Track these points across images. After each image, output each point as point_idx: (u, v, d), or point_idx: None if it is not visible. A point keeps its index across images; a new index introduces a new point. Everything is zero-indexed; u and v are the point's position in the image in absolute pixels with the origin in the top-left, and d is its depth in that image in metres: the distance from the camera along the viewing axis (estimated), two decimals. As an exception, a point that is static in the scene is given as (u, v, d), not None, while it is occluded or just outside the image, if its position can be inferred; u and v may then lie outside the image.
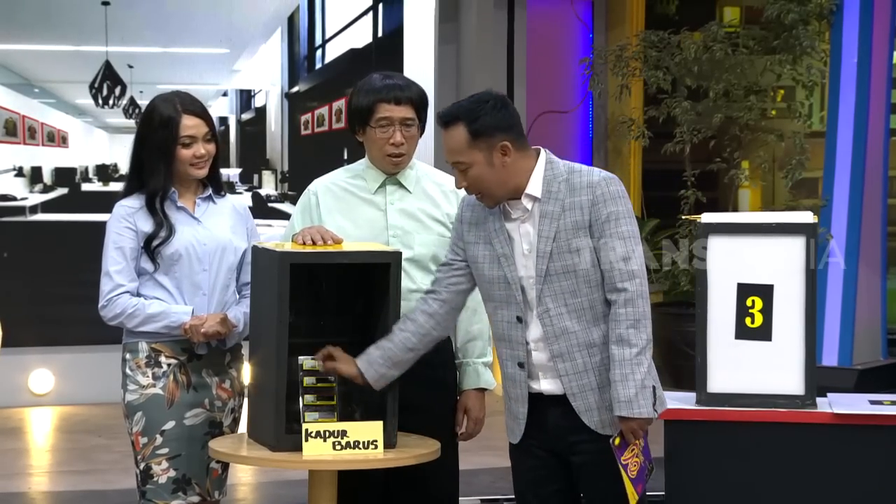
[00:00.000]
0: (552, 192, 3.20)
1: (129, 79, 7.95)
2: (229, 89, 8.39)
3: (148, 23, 7.87)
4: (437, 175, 3.73)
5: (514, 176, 3.21)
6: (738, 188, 8.28)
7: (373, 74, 3.67)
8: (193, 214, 3.62)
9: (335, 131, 8.25)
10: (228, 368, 3.65)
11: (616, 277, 3.15)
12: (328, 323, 3.50)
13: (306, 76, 8.42)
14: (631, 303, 3.14)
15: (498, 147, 3.18)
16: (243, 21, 8.19)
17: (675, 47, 7.68)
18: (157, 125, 3.55)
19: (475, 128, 3.17)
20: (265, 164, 8.36)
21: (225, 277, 3.63)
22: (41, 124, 8.04)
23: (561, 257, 3.18)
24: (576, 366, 3.21)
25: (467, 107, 3.21)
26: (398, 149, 3.59)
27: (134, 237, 3.56)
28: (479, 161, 3.18)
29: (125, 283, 3.55)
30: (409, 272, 3.57)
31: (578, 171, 3.22)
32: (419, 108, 3.60)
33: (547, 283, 3.19)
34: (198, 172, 3.60)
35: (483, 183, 3.20)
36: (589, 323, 3.20)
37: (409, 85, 3.61)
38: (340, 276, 3.49)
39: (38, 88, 8.07)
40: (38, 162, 7.98)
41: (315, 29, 8.36)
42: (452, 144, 3.20)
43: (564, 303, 3.19)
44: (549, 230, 3.18)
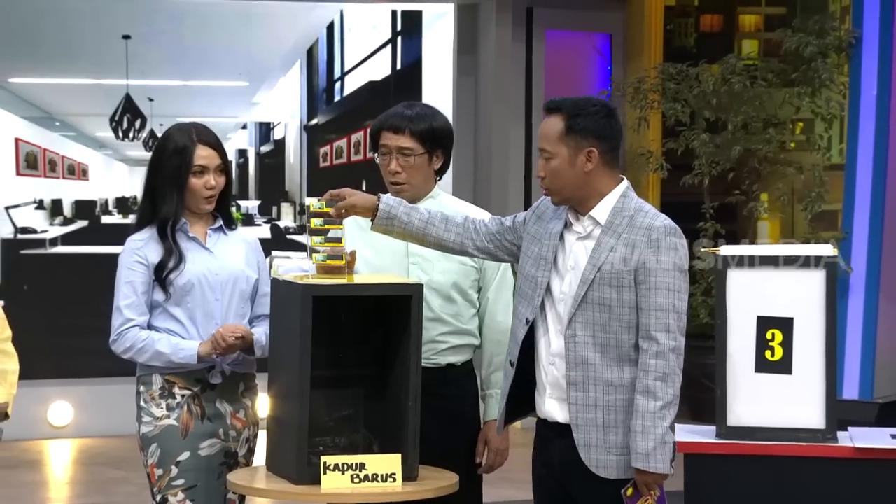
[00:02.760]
0: (615, 223, 3.20)
1: (150, 112, 7.99)
2: (249, 122, 8.44)
3: (168, 56, 7.92)
4: (462, 206, 3.76)
5: (589, 186, 3.21)
6: (757, 220, 8.27)
7: (401, 103, 3.73)
8: (205, 245, 3.65)
9: (354, 163, 8.28)
10: (242, 398, 3.67)
11: (651, 326, 3.14)
12: (347, 355, 3.51)
13: (325, 108, 8.46)
14: (662, 356, 3.13)
15: (585, 150, 3.19)
16: (262, 54, 8.25)
17: (693, 80, 7.70)
18: (172, 153, 3.59)
19: (571, 123, 3.19)
20: (284, 197, 8.40)
21: (238, 307, 3.65)
22: (62, 157, 8.09)
23: (601, 289, 3.18)
24: (587, 398, 3.20)
25: (574, 101, 3.24)
26: (394, 177, 3.63)
27: (145, 271, 3.58)
28: (563, 156, 3.20)
29: (135, 317, 3.57)
30: (429, 300, 3.58)
31: (645, 212, 3.22)
32: (426, 140, 3.62)
33: (581, 309, 3.19)
34: (206, 206, 3.62)
35: (558, 178, 3.21)
36: (611, 361, 3.19)
37: (421, 116, 3.63)
38: (360, 307, 3.51)
39: (59, 122, 8.13)
40: (59, 195, 8.02)
41: (334, 61, 8.41)
42: (546, 131, 3.23)
43: (593, 333, 3.19)
44: (597, 258, 3.18)
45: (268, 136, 8.49)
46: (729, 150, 7.64)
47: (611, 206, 3.21)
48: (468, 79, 8.28)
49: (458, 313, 3.67)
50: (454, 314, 3.66)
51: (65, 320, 7.73)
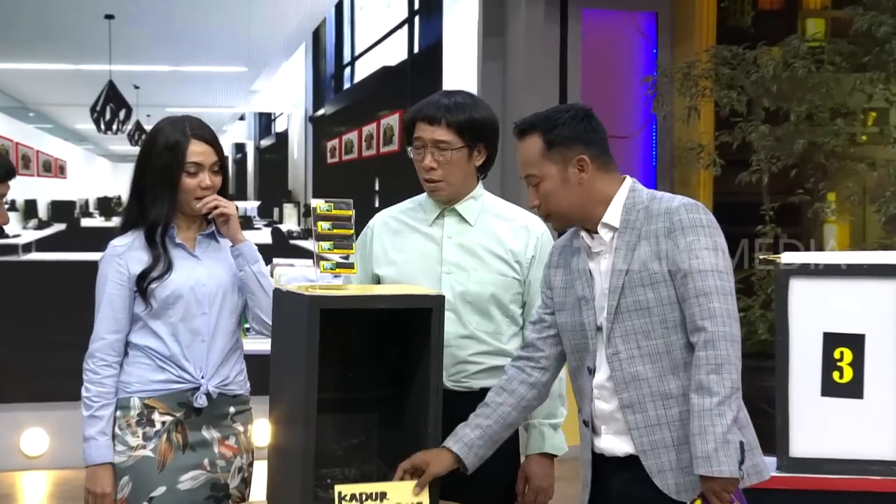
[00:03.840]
0: (630, 220, 3.21)
1: (135, 101, 8.02)
2: (247, 112, 8.46)
3: (156, 38, 7.95)
4: (508, 209, 3.78)
5: (590, 197, 3.23)
6: (824, 224, 8.25)
7: (439, 91, 3.76)
8: (193, 252, 3.68)
9: (365, 159, 8.29)
10: (233, 423, 3.69)
11: (696, 315, 3.12)
12: (358, 375, 3.52)
13: (333, 97, 8.48)
14: (711, 345, 3.09)
15: (574, 161, 3.21)
16: (263, 36, 8.26)
17: (750, 64, 7.69)
18: (162, 149, 3.62)
19: (550, 137, 3.22)
20: (287, 197, 8.41)
21: (227, 322, 3.68)
22: (36, 152, 8.12)
23: (633, 292, 3.18)
24: (648, 418, 3.19)
25: (545, 115, 3.26)
26: (429, 174, 3.64)
27: (125, 282, 3.61)
28: (552, 175, 3.22)
29: (107, 335, 3.62)
30: (462, 315, 3.60)
31: (659, 198, 3.24)
32: (464, 132, 3.63)
33: (618, 321, 3.19)
34: (200, 208, 3.64)
35: (554, 200, 3.23)
36: (665, 370, 3.18)
37: (460, 105, 3.65)
38: (373, 322, 3.52)
39: (34, 112, 8.16)
40: (33, 194, 8.05)
41: (343, 45, 8.43)
42: (525, 155, 3.25)
43: (637, 345, 3.18)
44: (622, 262, 3.19)
45: (269, 128, 8.52)
46: (791, 143, 7.63)
47: (621, 206, 3.23)
48: (495, 64, 8.29)
49: (496, 331, 3.68)
50: (492, 332, 3.68)
51: (40, 336, 7.77)
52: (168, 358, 3.61)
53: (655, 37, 8.65)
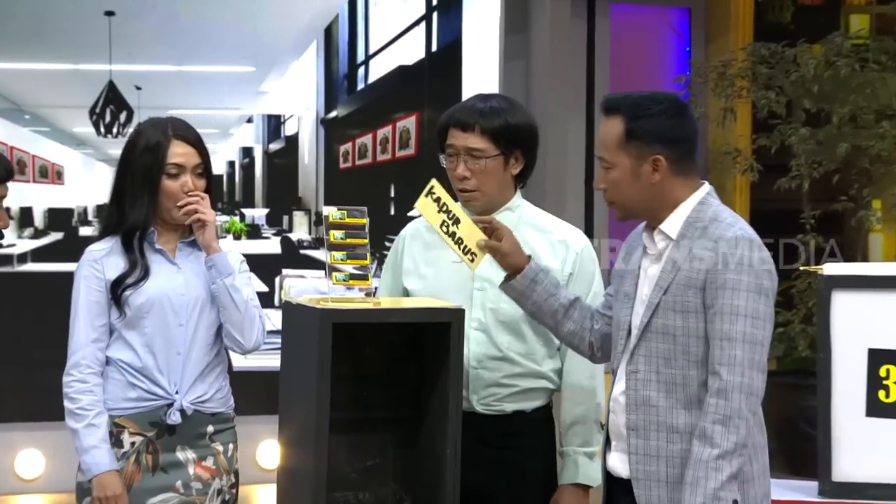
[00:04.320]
0: (686, 236, 3.22)
1: (137, 103, 8.03)
2: (255, 115, 8.47)
3: (159, 36, 7.95)
4: (547, 221, 3.78)
5: (658, 199, 3.23)
6: (869, 233, 8.22)
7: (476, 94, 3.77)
8: (173, 260, 3.70)
9: (380, 164, 8.29)
10: (211, 443, 3.72)
11: (715, 359, 3.12)
12: (373, 393, 3.53)
13: (346, 99, 8.48)
14: (724, 394, 3.09)
15: (650, 159, 3.21)
16: (272, 34, 8.27)
17: (790, 63, 7.68)
18: (142, 150, 3.67)
19: (632, 127, 3.22)
20: (297, 204, 8.42)
21: (205, 335, 3.71)
22: (32, 157, 8.13)
23: (665, 314, 3.19)
24: (648, 446, 3.20)
25: (634, 100, 3.25)
26: (462, 183, 3.65)
27: (102, 289, 3.65)
28: (624, 166, 3.23)
29: (87, 344, 3.67)
30: (494, 334, 3.61)
31: (719, 221, 3.21)
32: (499, 138, 3.64)
33: (644, 339, 3.20)
34: (181, 215, 3.67)
35: (620, 192, 3.25)
36: (677, 402, 3.19)
37: (495, 110, 3.66)
38: (388, 337, 3.52)
39: (29, 114, 8.16)
40: (28, 201, 8.06)
41: (357, 43, 8.43)
42: (603, 136, 3.27)
43: (656, 369, 3.20)
44: (665, 279, 3.20)
45: (278, 131, 8.53)
46: (834, 147, 7.61)
47: (684, 217, 3.22)
48: (518, 63, 8.29)
49: (529, 352, 3.69)
50: (525, 353, 3.69)
51: (36, 352, 7.77)
52: (140, 371, 3.65)
53: (689, 34, 8.64)
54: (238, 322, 3.70)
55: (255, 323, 3.75)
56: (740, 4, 8.51)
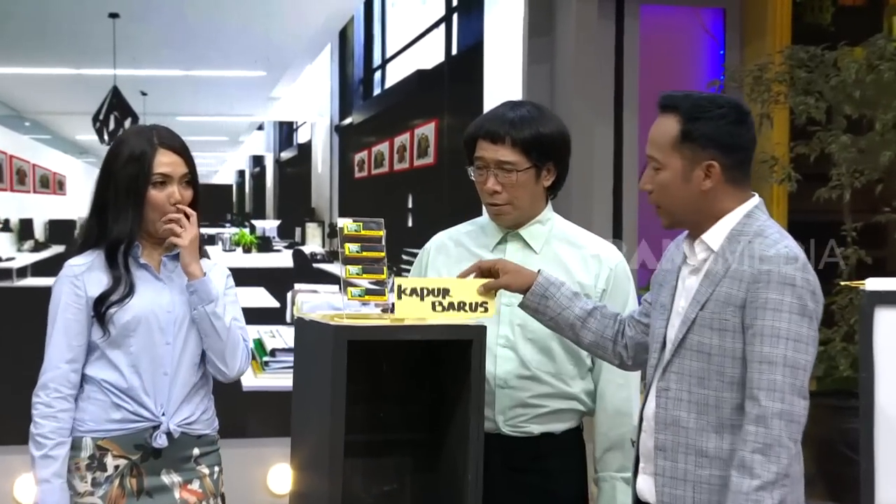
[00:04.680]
0: (728, 249, 3.21)
1: (142, 109, 8.05)
2: (266, 121, 8.48)
3: (166, 39, 7.97)
4: (579, 235, 3.79)
5: (706, 208, 3.23)
6: (914, 246, 8.20)
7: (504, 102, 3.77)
8: (158, 275, 3.72)
9: (398, 173, 8.30)
10: (196, 466, 3.74)
11: (753, 383, 3.11)
12: (390, 414, 3.54)
13: (362, 105, 8.49)
14: (763, 421, 3.08)
15: (703, 164, 3.20)
16: (284, 37, 8.28)
17: (830, 67, 7.67)
18: (127, 159, 3.69)
19: (688, 128, 3.21)
20: (310, 215, 8.43)
21: (193, 354, 3.73)
22: (32, 166, 8.15)
23: (701, 331, 3.18)
24: (675, 469, 3.20)
25: (694, 100, 3.25)
26: (493, 197, 3.66)
27: (83, 306, 3.66)
28: (675, 168, 3.23)
29: (61, 364, 3.69)
30: (523, 353, 3.62)
31: (764, 237, 3.21)
32: (531, 150, 3.64)
33: (678, 356, 3.20)
34: (166, 225, 3.68)
35: (667, 195, 3.24)
36: (708, 426, 3.18)
37: (525, 120, 3.66)
38: (406, 356, 3.53)
39: (30, 121, 8.18)
40: (29, 213, 8.08)
41: (373, 46, 8.45)
42: (656, 134, 3.27)
43: (688, 388, 3.19)
44: (703, 294, 3.20)
45: (290, 139, 8.54)
46: (876, 155, 7.59)
47: (728, 229, 3.22)
48: (542, 66, 8.29)
49: (559, 371, 3.70)
50: (554, 373, 3.69)
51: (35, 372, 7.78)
52: (125, 392, 3.66)
53: (723, 36, 8.63)
54: (220, 350, 3.71)
55: (238, 350, 3.77)
56: (777, 5, 8.51)
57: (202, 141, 8.37)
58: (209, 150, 8.42)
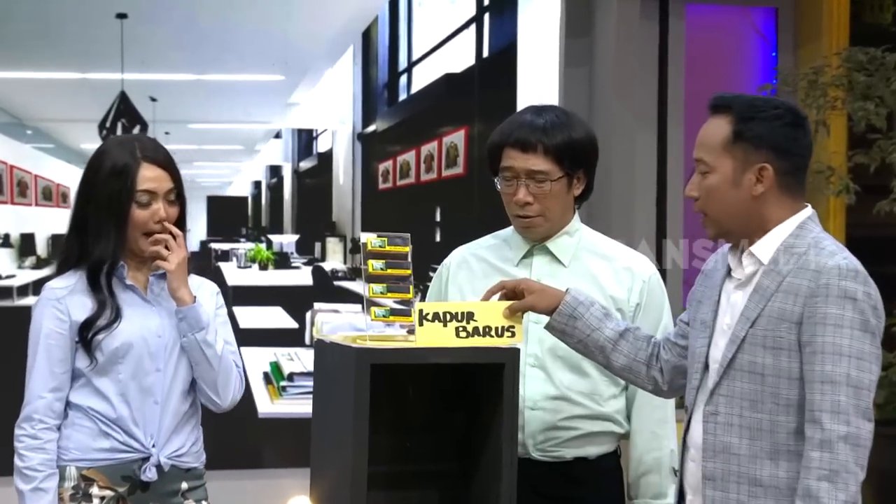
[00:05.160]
0: (780, 263, 3.21)
1: (152, 116, 8.07)
2: (284, 129, 8.51)
3: (177, 41, 7.99)
4: (609, 246, 3.79)
5: (756, 216, 3.23)
6: (983, 263, 8.16)
7: (526, 107, 3.78)
8: (145, 297, 3.73)
9: (425, 184, 8.31)
10: (184, 500, 3.77)
11: (815, 405, 3.10)
12: (417, 443, 3.54)
13: (386, 111, 8.50)
14: (828, 446, 3.07)
15: (755, 167, 3.21)
16: (303, 38, 8.30)
17: (891, 70, 7.65)
18: (108, 174, 3.69)
19: (741, 128, 3.22)
20: (331, 230, 8.44)
21: (184, 381, 3.75)
22: (34, 177, 8.18)
23: (752, 350, 3.18)
24: (726, 500, 3.20)
25: (748, 100, 3.28)
26: (523, 209, 3.66)
27: (65, 329, 3.68)
28: (724, 171, 3.23)
29: (45, 394, 3.70)
30: (552, 372, 3.62)
31: (820, 249, 3.20)
32: (564, 157, 3.65)
33: (727, 377, 3.20)
34: (152, 247, 3.69)
35: (714, 201, 3.24)
36: (761, 452, 3.18)
37: (556, 126, 3.67)
38: (434, 381, 3.53)
39: (31, 129, 8.22)
40: (30, 227, 8.11)
41: (398, 48, 8.46)
42: (706, 136, 3.28)
43: (739, 412, 3.19)
44: (753, 309, 3.20)
45: (309, 147, 8.56)
46: (941, 165, 7.57)
47: (780, 241, 3.22)
48: (580, 70, 8.29)
49: (592, 391, 3.70)
50: (587, 392, 3.70)
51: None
52: (114, 422, 3.67)
53: (775, 37, 8.62)
54: (212, 380, 3.73)
55: (231, 379, 3.78)
56: (834, 4, 8.49)
57: (215, 150, 8.41)
58: (223, 160, 8.45)
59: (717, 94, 3.31)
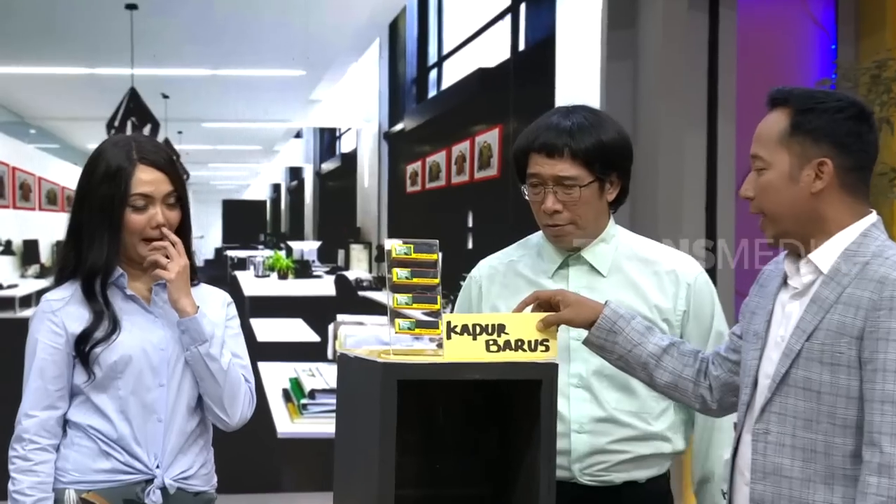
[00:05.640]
0: (841, 272, 3.19)
1: (163, 114, 8.09)
2: (304, 128, 8.52)
3: (191, 34, 8.01)
4: (648, 249, 3.79)
5: (813, 218, 3.21)
6: None
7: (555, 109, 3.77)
8: (147, 307, 3.74)
9: (456, 187, 8.31)
10: None
11: (874, 426, 3.09)
12: (447, 465, 3.53)
13: (415, 109, 8.51)
14: (887, 471, 3.06)
15: (814, 162, 3.19)
16: (325, 31, 8.30)
17: (959, 63, 7.64)
18: (102, 177, 3.69)
19: (800, 120, 3.21)
20: (355, 236, 8.45)
21: (190, 398, 3.75)
22: (38, 179, 8.20)
23: (808, 366, 3.17)
24: None
25: (808, 91, 3.27)
26: (552, 218, 3.66)
27: (61, 344, 3.69)
28: (781, 166, 3.22)
29: (37, 412, 3.70)
30: (598, 392, 3.62)
31: (884, 258, 3.17)
32: (594, 161, 3.64)
33: (780, 394, 3.19)
34: (150, 260, 3.70)
35: (770, 198, 3.23)
36: (815, 475, 3.17)
37: (583, 128, 3.66)
38: (465, 398, 3.53)
39: (35, 128, 8.25)
40: (34, 233, 8.13)
41: (428, 41, 8.47)
42: (762, 130, 3.27)
43: (792, 432, 3.18)
44: (809, 322, 3.18)
45: (332, 148, 8.57)
46: None
47: (841, 248, 3.20)
48: (623, 64, 8.29)
49: (641, 409, 3.71)
50: (636, 411, 3.70)
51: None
52: (115, 441, 3.68)
53: (834, 28, 8.60)
54: (217, 396, 3.73)
55: (238, 394, 3.77)
56: (898, -8, 8.47)
57: (231, 150, 8.42)
58: (240, 161, 8.47)
59: (776, 88, 3.30)
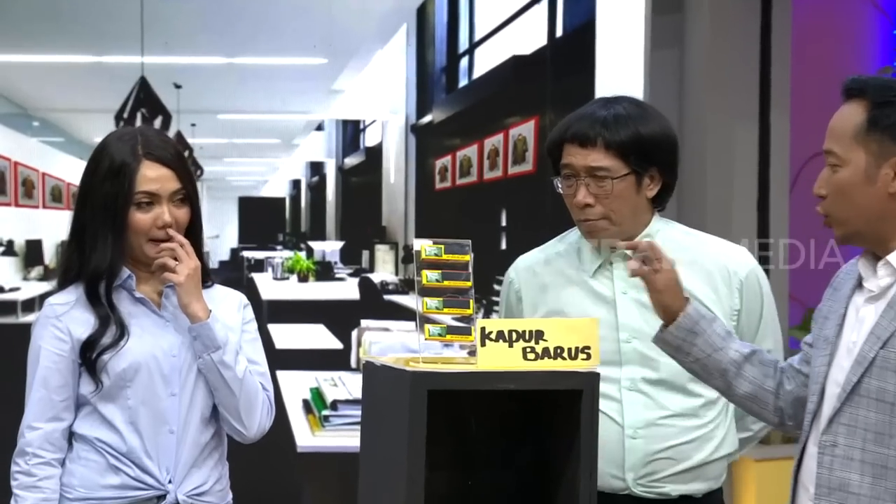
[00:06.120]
0: None
1: (176, 105, 8.12)
2: (326, 120, 8.53)
3: (205, 21, 8.03)
4: (697, 243, 3.80)
5: (891, 218, 3.22)
6: None
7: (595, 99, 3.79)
8: (157, 311, 3.75)
9: (488, 183, 8.31)
10: None
11: None
12: (479, 481, 3.54)
13: (444, 99, 8.51)
14: None
15: (892, 160, 3.20)
16: (349, 16, 8.31)
17: None
18: (105, 174, 3.70)
19: (877, 114, 3.21)
20: (380, 236, 8.46)
21: (204, 408, 3.76)
22: (42, 175, 8.23)
23: (882, 375, 3.17)
24: None
25: (886, 83, 3.26)
26: (584, 211, 3.67)
27: (65, 351, 3.70)
28: (856, 164, 3.22)
29: (41, 424, 3.72)
30: (653, 396, 3.63)
31: None
32: (629, 153, 3.66)
33: (849, 404, 3.19)
34: (156, 258, 3.71)
35: (845, 199, 3.23)
36: (885, 493, 3.17)
37: (621, 119, 3.68)
38: (499, 409, 3.53)
39: (38, 121, 8.28)
40: (37, 233, 8.16)
41: (458, 27, 8.47)
42: (836, 124, 3.27)
43: (862, 445, 3.18)
44: (885, 328, 3.18)
45: (356, 141, 8.58)
46: None
47: None
48: (668, 53, 8.29)
49: (698, 412, 3.72)
50: (693, 414, 3.71)
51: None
52: (124, 454, 3.70)
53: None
54: (233, 406, 3.73)
55: (256, 404, 3.78)
56: (965, -27, 8.46)
57: (248, 144, 8.44)
58: (257, 156, 8.49)
59: (851, 77, 3.29)
